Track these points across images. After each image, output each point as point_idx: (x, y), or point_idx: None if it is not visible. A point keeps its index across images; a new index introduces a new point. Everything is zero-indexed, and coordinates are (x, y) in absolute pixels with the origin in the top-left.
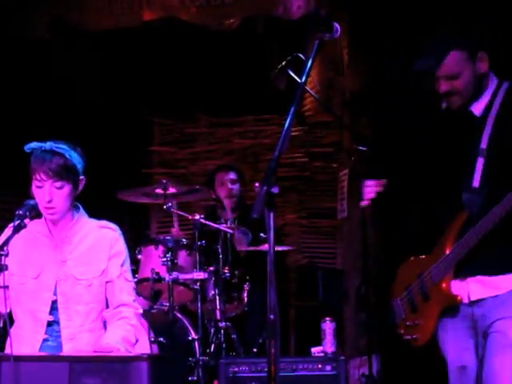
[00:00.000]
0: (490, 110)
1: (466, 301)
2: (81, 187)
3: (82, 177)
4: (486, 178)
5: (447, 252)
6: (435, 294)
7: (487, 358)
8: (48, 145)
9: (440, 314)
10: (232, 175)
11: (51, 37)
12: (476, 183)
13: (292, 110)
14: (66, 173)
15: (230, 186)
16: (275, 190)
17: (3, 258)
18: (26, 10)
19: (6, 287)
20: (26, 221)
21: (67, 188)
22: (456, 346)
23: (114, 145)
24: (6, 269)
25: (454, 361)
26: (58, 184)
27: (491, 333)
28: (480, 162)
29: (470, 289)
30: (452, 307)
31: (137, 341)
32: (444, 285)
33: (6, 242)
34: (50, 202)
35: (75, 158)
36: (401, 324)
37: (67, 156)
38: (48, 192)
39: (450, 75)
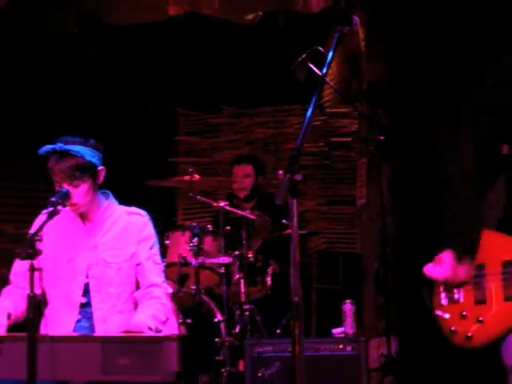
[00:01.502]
0: None
1: None
2: (101, 178)
3: (100, 168)
4: None
5: None
6: None
7: None
8: (58, 146)
9: None
10: (246, 169)
11: (78, 31)
12: None
13: (313, 100)
14: (78, 172)
15: (240, 179)
16: (298, 177)
17: (38, 242)
18: (54, 4)
19: (39, 270)
20: (59, 207)
21: (84, 185)
22: None
23: (142, 135)
24: (41, 253)
25: None
26: (74, 183)
27: None
28: None
29: None
30: None
31: (167, 319)
32: None
33: (41, 228)
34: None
35: (87, 154)
36: (447, 307)
37: (78, 155)
38: (75, 199)
39: None
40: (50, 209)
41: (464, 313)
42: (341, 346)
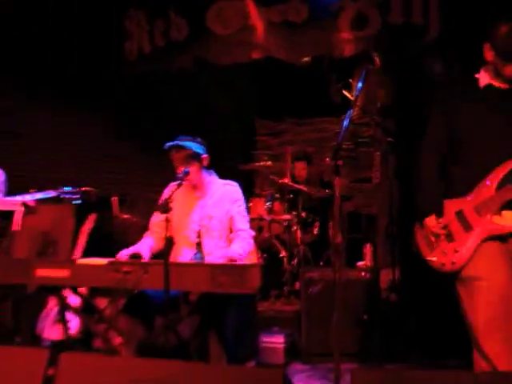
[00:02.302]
0: None
1: None
2: (205, 162)
3: (204, 155)
4: None
5: (493, 192)
6: (480, 226)
7: None
8: (176, 142)
9: (480, 242)
10: (303, 165)
11: (196, 69)
12: None
13: (349, 113)
14: (189, 159)
15: (299, 171)
16: (340, 163)
17: (170, 203)
18: (178, 51)
19: (170, 221)
20: (184, 181)
21: (194, 167)
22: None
23: (236, 136)
24: (171, 209)
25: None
26: (187, 166)
27: None
28: None
29: None
30: (497, 236)
31: (250, 251)
32: (489, 216)
33: (172, 194)
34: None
35: (195, 147)
36: (436, 253)
37: (188, 148)
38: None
39: None
40: (178, 182)
41: (445, 251)
42: (363, 274)
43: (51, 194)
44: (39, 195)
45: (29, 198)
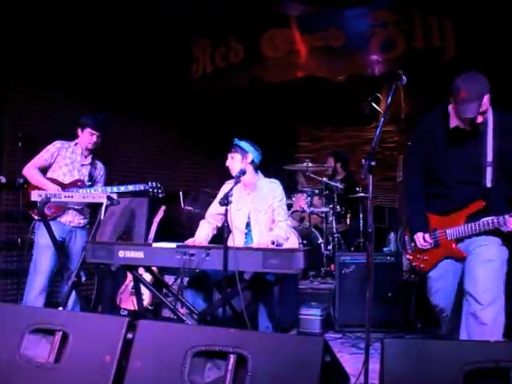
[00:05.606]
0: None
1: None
2: (248, 159)
3: (248, 154)
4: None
5: (462, 224)
6: (445, 246)
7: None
8: (235, 140)
9: (443, 258)
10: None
11: (250, 87)
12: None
13: (382, 122)
14: (235, 156)
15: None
16: (373, 163)
17: (230, 197)
18: (235, 72)
19: (227, 212)
20: (240, 179)
21: (237, 158)
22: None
23: (282, 142)
24: (231, 202)
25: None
26: (232, 155)
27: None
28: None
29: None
30: (455, 257)
31: (287, 238)
32: (453, 244)
33: (231, 189)
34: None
35: (245, 146)
36: (412, 254)
37: (241, 146)
38: (228, 162)
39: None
40: (236, 179)
41: (418, 256)
42: (388, 257)
43: (141, 186)
44: (131, 187)
45: (123, 188)
